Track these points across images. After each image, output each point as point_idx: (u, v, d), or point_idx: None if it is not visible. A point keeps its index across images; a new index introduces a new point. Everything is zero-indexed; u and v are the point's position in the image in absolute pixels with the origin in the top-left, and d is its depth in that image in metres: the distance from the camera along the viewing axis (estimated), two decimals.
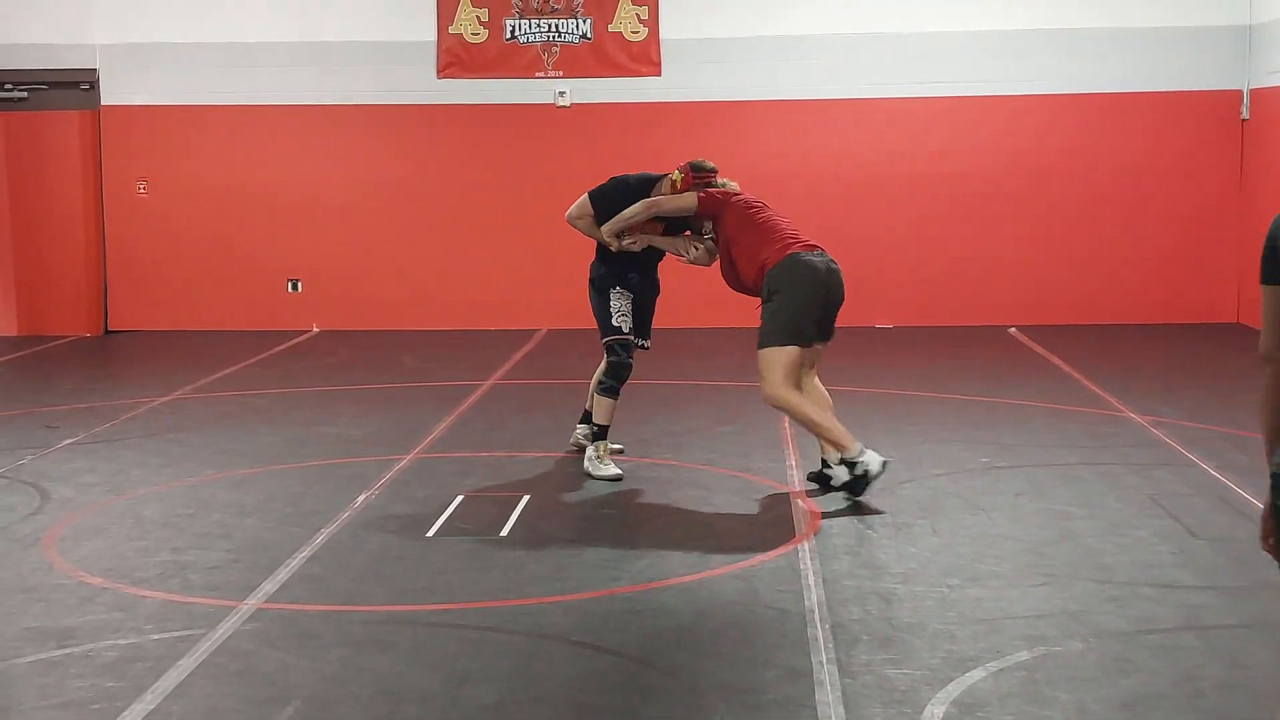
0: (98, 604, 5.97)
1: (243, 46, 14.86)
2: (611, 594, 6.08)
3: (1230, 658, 5.25)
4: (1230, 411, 9.91)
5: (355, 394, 11.19)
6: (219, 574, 6.40)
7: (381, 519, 7.30)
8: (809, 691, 4.95)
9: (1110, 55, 14.50)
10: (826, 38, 14.64)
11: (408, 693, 4.99)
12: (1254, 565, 6.37)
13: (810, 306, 7.47)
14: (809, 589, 6.06)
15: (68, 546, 6.86)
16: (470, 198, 14.89)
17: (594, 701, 4.92)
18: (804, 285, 7.44)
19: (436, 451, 8.95)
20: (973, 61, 14.56)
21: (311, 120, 14.94)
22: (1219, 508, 7.35)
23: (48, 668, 5.26)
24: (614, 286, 8.18)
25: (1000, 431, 9.36)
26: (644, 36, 14.68)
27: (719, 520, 7.24)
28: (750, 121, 14.73)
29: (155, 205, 15.05)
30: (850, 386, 11.16)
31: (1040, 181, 14.65)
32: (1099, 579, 6.19)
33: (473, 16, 14.74)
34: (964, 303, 14.75)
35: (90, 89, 14.96)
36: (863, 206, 14.74)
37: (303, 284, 15.09)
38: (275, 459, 8.79)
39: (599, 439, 8.11)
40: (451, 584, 6.25)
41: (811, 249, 7.58)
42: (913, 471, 8.24)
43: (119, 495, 7.90)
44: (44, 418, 10.23)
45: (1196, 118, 14.52)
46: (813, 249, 7.59)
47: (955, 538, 6.86)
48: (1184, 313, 14.65)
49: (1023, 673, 5.11)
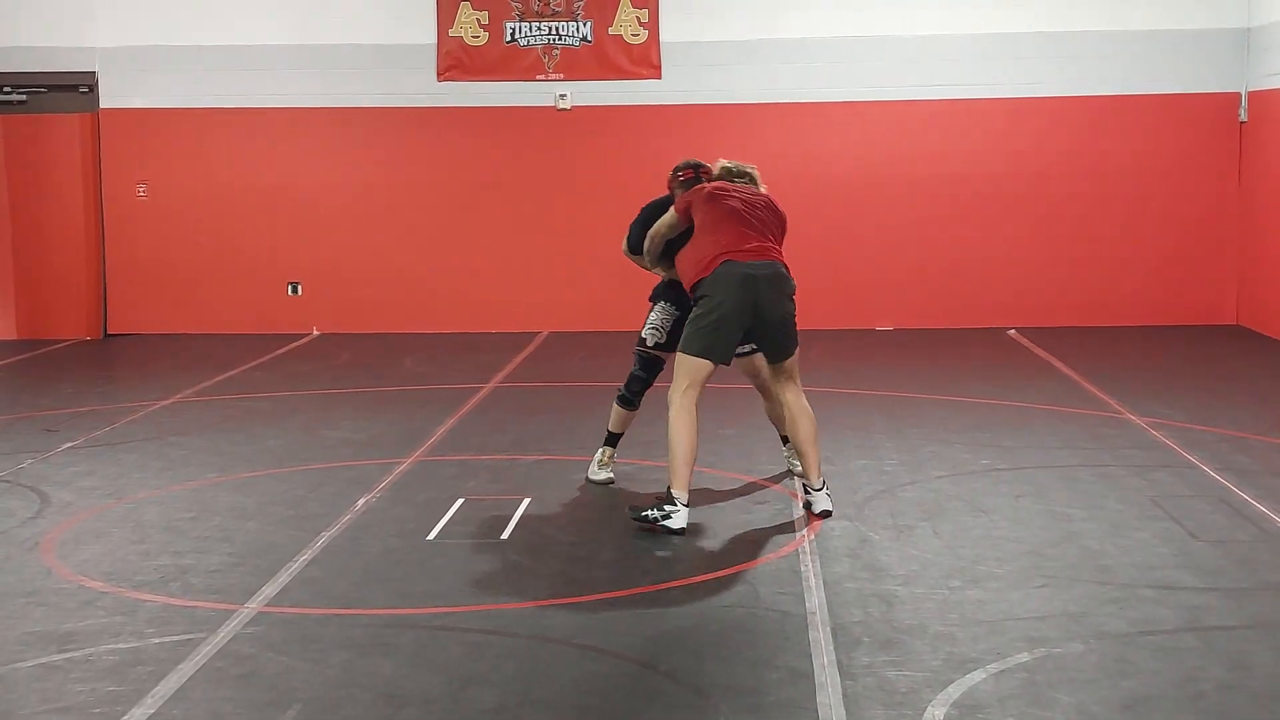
0: (98, 608, 5.97)
1: (243, 49, 14.86)
2: (613, 597, 6.09)
3: (1231, 659, 5.25)
4: (1230, 413, 9.91)
5: (356, 397, 11.19)
6: (220, 577, 6.40)
7: (382, 522, 7.30)
8: (810, 693, 4.95)
9: (1110, 58, 14.50)
10: (826, 40, 14.64)
11: (409, 696, 4.99)
12: (1254, 567, 6.38)
13: (733, 317, 7.01)
14: (810, 591, 6.07)
15: (68, 550, 6.86)
16: (471, 200, 14.89)
17: (596, 704, 4.92)
18: (728, 295, 6.99)
19: (437, 454, 8.95)
20: (972, 64, 14.56)
21: (312, 123, 14.94)
22: (1219, 509, 7.35)
23: (48, 672, 5.26)
24: (663, 300, 8.01)
25: (1001, 433, 9.37)
26: (644, 39, 14.68)
27: (721, 523, 7.24)
28: (751, 124, 14.73)
29: (155, 208, 15.05)
30: (851, 388, 11.17)
31: (1040, 183, 14.65)
32: (1100, 581, 6.19)
33: (473, 19, 14.74)
34: (964, 305, 14.75)
35: (90, 92, 14.96)
36: (863, 209, 14.75)
37: (303, 287, 15.09)
38: (276, 462, 8.79)
39: (607, 444, 8.09)
40: (453, 587, 6.25)
41: (752, 256, 7.07)
42: (914, 474, 8.25)
43: (119, 499, 7.90)
44: (44, 421, 10.23)
45: (1195, 120, 14.53)
46: (754, 256, 7.08)
47: (956, 540, 6.86)
48: (1184, 314, 14.65)
49: (1023, 674, 5.11)
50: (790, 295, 7.23)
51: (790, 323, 7.23)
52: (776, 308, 7.12)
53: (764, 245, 7.18)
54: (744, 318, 7.07)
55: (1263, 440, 9.02)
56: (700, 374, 7.08)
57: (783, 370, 7.33)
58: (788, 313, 7.20)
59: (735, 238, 7.12)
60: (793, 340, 7.26)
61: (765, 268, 7.10)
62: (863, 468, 8.41)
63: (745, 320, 7.08)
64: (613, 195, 13.84)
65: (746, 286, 7.03)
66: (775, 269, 7.15)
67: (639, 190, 13.97)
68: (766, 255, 7.15)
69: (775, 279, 7.12)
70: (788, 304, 7.21)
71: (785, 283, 7.19)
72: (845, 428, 9.57)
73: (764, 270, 7.09)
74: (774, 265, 7.15)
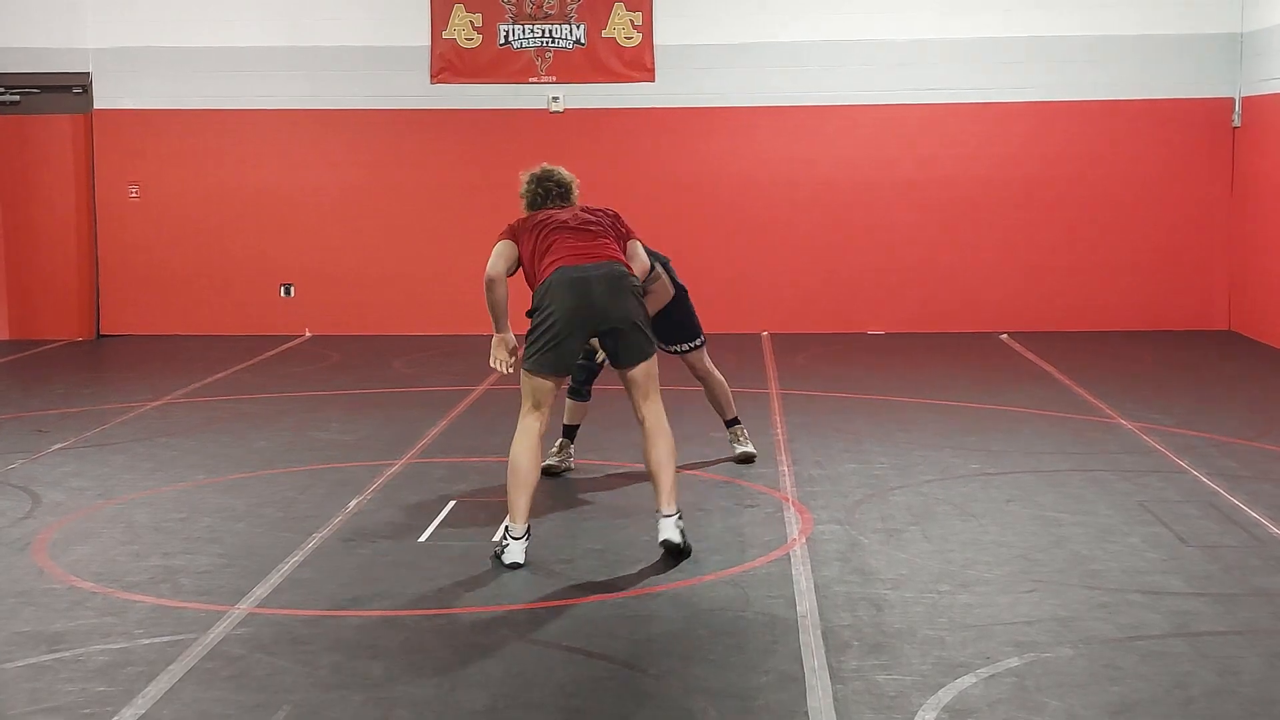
0: (88, 608, 5.97)
1: (236, 51, 14.86)
2: (603, 599, 6.09)
3: (1220, 664, 5.26)
4: (1221, 418, 9.93)
5: (347, 399, 11.19)
6: (210, 579, 6.40)
7: (373, 524, 7.30)
8: (800, 697, 4.96)
9: (1102, 63, 14.53)
10: (819, 44, 14.65)
11: (399, 698, 4.99)
12: (1244, 572, 6.39)
13: (569, 324, 6.58)
14: (800, 595, 6.07)
15: (58, 551, 6.85)
16: (463, 203, 14.89)
17: (586, 707, 4.92)
18: (560, 302, 6.58)
19: (429, 457, 8.95)
20: (965, 69, 14.58)
21: (304, 125, 14.94)
22: (1209, 514, 7.36)
23: (38, 672, 5.25)
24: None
25: (991, 438, 9.38)
26: (638, 42, 14.69)
27: (711, 526, 7.24)
28: (743, 127, 14.75)
29: (147, 209, 15.03)
30: (841, 393, 11.18)
31: (1032, 188, 14.68)
32: (1089, 585, 6.20)
33: (466, 22, 14.74)
34: (955, 309, 14.77)
35: (83, 93, 14.95)
36: (854, 212, 14.76)
37: (295, 289, 15.08)
38: (267, 464, 8.78)
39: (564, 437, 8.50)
40: (443, 589, 6.25)
41: (583, 259, 6.68)
42: (904, 478, 8.26)
43: (110, 500, 7.89)
44: (35, 422, 10.22)
45: (1188, 125, 14.56)
46: (586, 259, 6.68)
47: (946, 544, 6.87)
48: (1175, 319, 14.68)
49: (1013, 679, 5.12)
50: (632, 293, 6.71)
51: (637, 324, 6.69)
52: (616, 307, 6.62)
53: (594, 247, 6.77)
54: (582, 322, 6.62)
55: (1253, 445, 9.04)
56: (541, 393, 6.63)
57: (636, 382, 6.72)
58: (631, 311, 6.66)
59: (565, 249, 6.75)
60: (646, 343, 6.73)
61: (597, 268, 6.66)
62: (853, 472, 8.41)
63: (585, 324, 6.63)
64: (606, 198, 13.74)
65: (578, 289, 6.59)
66: (610, 268, 6.68)
67: (633, 193, 14.08)
68: (599, 256, 6.73)
69: (611, 277, 6.65)
70: (629, 301, 6.67)
71: (622, 280, 6.68)
72: (835, 432, 9.58)
73: (596, 270, 6.65)
74: (609, 264, 6.70)
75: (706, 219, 14.79)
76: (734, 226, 14.81)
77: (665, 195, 14.68)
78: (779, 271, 14.76)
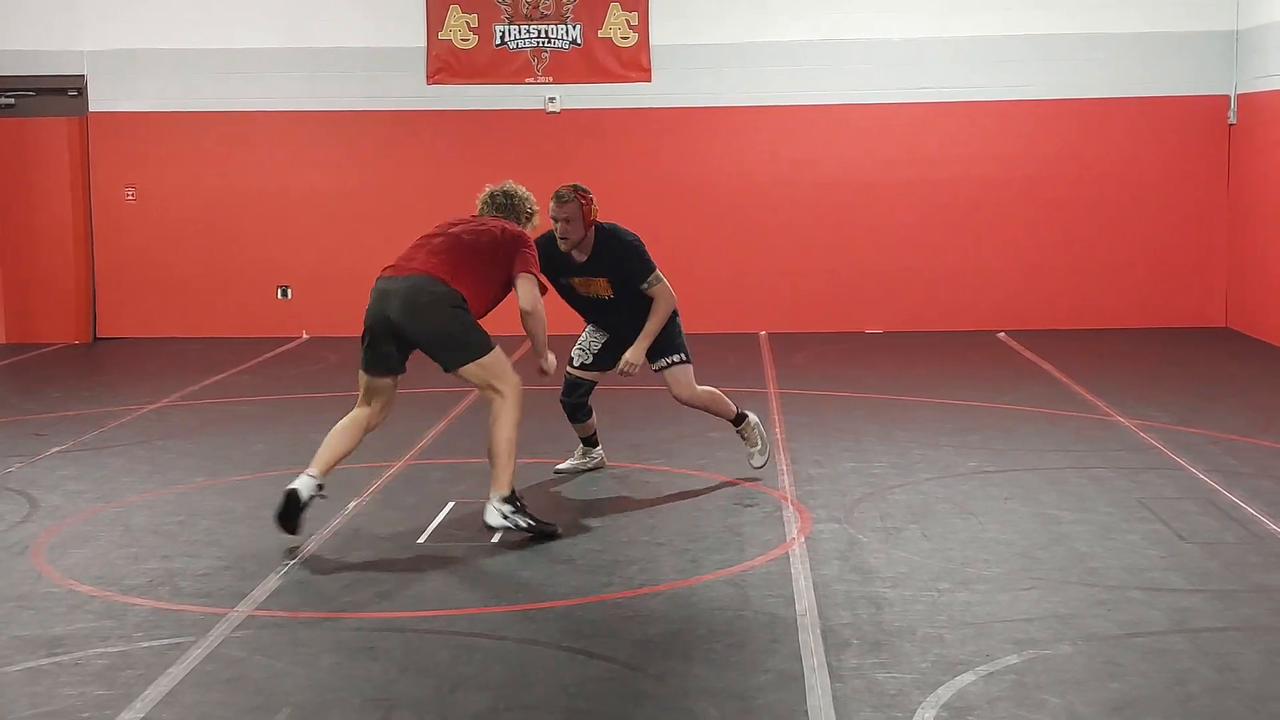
0: (87, 612, 5.96)
1: (232, 53, 14.85)
2: (602, 600, 6.09)
3: (1220, 661, 5.26)
4: (1219, 415, 9.93)
5: (345, 400, 11.11)
6: (208, 581, 6.39)
7: (372, 526, 7.30)
8: (800, 696, 4.96)
9: (1099, 61, 14.53)
10: (816, 44, 14.65)
11: (399, 700, 4.98)
12: (1242, 568, 6.40)
13: (371, 329, 6.93)
14: (799, 594, 6.07)
15: (56, 554, 6.85)
16: (460, 204, 14.79)
17: (585, 707, 4.92)
18: (368, 310, 6.96)
19: (427, 458, 8.95)
20: (961, 68, 14.59)
21: (301, 127, 14.93)
22: (1208, 511, 7.37)
23: (37, 676, 5.25)
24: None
25: (990, 436, 9.38)
26: (634, 42, 14.69)
27: (710, 525, 7.24)
28: (740, 127, 14.75)
29: (144, 212, 15.03)
30: (841, 391, 11.18)
31: (1029, 187, 14.68)
32: (1088, 582, 6.21)
33: (462, 22, 14.74)
34: (953, 308, 14.77)
35: (78, 95, 14.94)
36: (852, 212, 14.76)
37: (292, 290, 15.08)
38: (265, 466, 8.78)
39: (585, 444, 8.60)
40: (442, 591, 6.25)
41: (392, 272, 6.93)
42: (903, 476, 8.26)
43: (108, 503, 7.89)
44: (32, 425, 10.21)
45: (1184, 123, 14.56)
46: (394, 272, 6.92)
47: (945, 542, 6.87)
48: (1172, 317, 14.69)
49: (1012, 676, 5.12)
50: (431, 307, 6.79)
51: (439, 336, 6.84)
52: (410, 321, 6.78)
53: (416, 261, 6.93)
54: (382, 332, 6.89)
55: (1251, 442, 9.04)
56: (362, 386, 7.11)
57: (470, 381, 7.04)
58: (430, 326, 6.81)
59: (397, 257, 7.06)
60: (460, 349, 6.86)
61: (398, 282, 6.84)
62: (852, 470, 8.42)
63: (385, 335, 6.89)
64: (603, 198, 13.77)
65: (378, 301, 6.91)
66: (410, 282, 6.81)
67: (630, 193, 14.08)
68: (407, 270, 6.89)
69: (408, 292, 6.79)
70: (426, 317, 6.79)
71: (421, 295, 6.78)
72: (834, 431, 9.58)
73: (395, 285, 6.84)
74: (410, 279, 6.83)
75: (704, 219, 14.79)
76: (731, 226, 14.80)
77: (662, 195, 14.68)
78: (777, 271, 14.76)
